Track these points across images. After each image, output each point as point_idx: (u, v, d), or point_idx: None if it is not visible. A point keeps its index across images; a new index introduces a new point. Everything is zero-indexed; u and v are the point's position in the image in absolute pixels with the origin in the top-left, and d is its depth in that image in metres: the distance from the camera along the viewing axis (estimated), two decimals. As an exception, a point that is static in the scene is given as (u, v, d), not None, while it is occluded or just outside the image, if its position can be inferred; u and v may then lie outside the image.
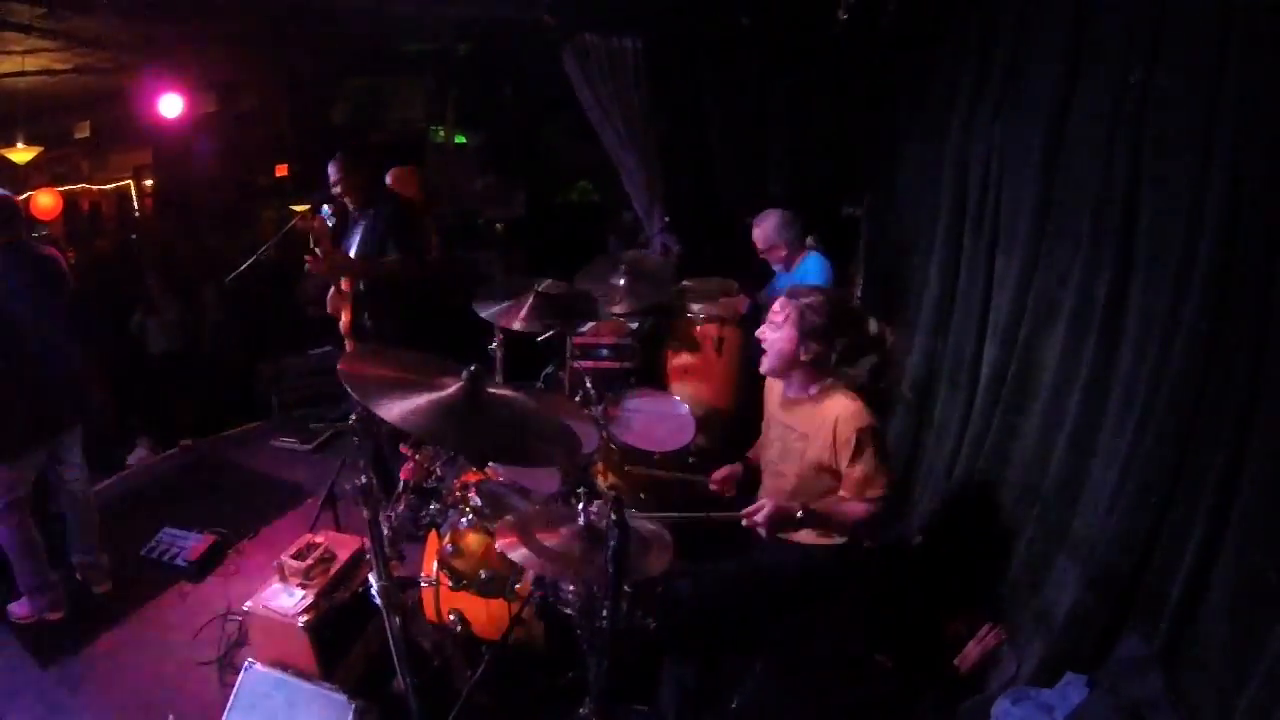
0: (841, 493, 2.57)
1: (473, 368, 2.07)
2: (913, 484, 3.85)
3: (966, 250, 3.55)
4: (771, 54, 5.15)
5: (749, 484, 2.94)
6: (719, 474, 2.94)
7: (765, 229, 4.27)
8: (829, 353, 2.64)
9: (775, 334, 2.67)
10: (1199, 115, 2.24)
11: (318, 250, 3.84)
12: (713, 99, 5.63)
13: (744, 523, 2.42)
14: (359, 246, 4.01)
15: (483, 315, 3.39)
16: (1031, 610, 2.82)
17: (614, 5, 4.84)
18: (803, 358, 2.62)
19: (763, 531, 2.39)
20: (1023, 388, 3.06)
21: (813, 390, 2.67)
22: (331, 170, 4.08)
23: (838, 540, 2.61)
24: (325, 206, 4.10)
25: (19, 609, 3.49)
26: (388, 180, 5.01)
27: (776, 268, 4.39)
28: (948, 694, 2.88)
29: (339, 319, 4.08)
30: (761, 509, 2.38)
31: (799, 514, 2.39)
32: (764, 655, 2.66)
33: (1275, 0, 2.02)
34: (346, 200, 4.10)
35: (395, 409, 1.94)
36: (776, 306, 2.70)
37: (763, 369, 2.76)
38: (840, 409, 2.56)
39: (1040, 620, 2.75)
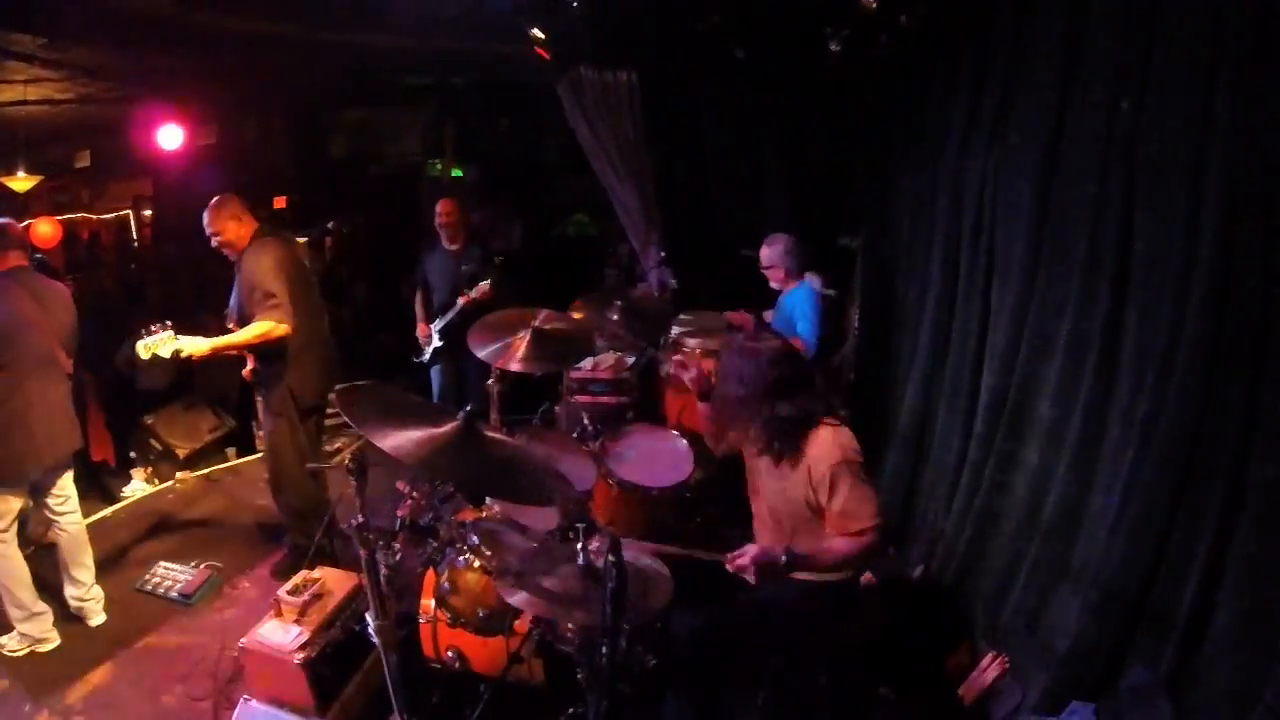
0: (827, 529, 2.50)
1: (469, 407, 2.07)
2: (912, 515, 3.84)
3: (962, 280, 3.57)
4: (766, 86, 5.19)
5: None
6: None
7: (772, 250, 4.33)
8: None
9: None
10: (1191, 142, 2.27)
11: None
12: (708, 131, 5.67)
13: (728, 567, 2.37)
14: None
15: (479, 355, 3.29)
16: (1035, 639, 2.81)
17: (608, 39, 4.88)
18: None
19: (750, 578, 2.35)
20: (1021, 417, 3.06)
21: None
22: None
23: (836, 575, 2.58)
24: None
25: (10, 641, 3.46)
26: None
27: (774, 286, 4.43)
28: (952, 726, 2.85)
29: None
30: (745, 554, 2.35)
31: (783, 559, 2.35)
32: (765, 689, 2.63)
33: (1263, 26, 2.05)
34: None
35: (390, 440, 1.94)
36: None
37: None
38: (813, 448, 2.49)
39: (1044, 649, 2.73)
